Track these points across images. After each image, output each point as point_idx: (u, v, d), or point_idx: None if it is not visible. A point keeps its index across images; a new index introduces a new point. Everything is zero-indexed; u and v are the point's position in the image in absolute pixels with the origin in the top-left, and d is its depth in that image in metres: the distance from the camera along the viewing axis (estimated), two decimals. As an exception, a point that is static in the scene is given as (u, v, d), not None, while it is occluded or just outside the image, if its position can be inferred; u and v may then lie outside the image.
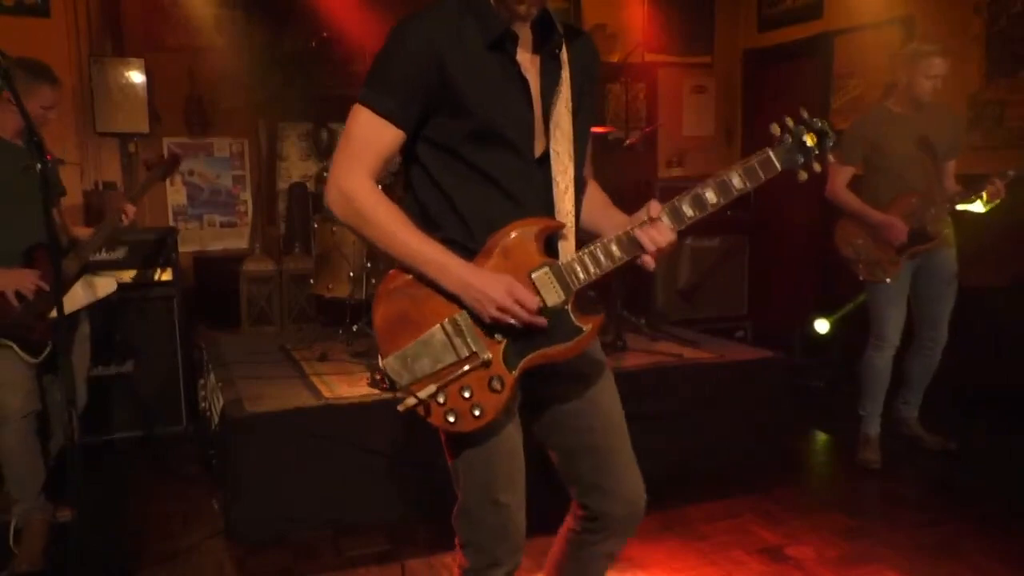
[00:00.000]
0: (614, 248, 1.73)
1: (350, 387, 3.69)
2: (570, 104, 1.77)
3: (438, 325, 1.69)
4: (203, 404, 4.36)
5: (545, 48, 1.77)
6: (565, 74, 1.78)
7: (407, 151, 1.77)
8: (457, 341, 1.69)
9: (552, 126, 1.76)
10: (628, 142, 5.33)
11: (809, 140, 1.72)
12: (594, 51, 1.89)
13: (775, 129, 1.74)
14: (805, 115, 1.74)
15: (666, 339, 4.69)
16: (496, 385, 1.69)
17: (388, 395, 1.73)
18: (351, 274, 4.38)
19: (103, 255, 4.26)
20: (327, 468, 3.36)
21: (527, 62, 1.75)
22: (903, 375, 4.14)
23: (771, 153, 1.72)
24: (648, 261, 1.73)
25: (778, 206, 5.93)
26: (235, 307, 5.24)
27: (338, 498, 3.37)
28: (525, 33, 1.75)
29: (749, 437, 4.04)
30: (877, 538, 3.26)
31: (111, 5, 5.34)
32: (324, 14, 5.49)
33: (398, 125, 1.68)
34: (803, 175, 1.74)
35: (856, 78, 5.72)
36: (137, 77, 5.24)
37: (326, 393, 3.61)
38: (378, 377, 1.73)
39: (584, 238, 1.80)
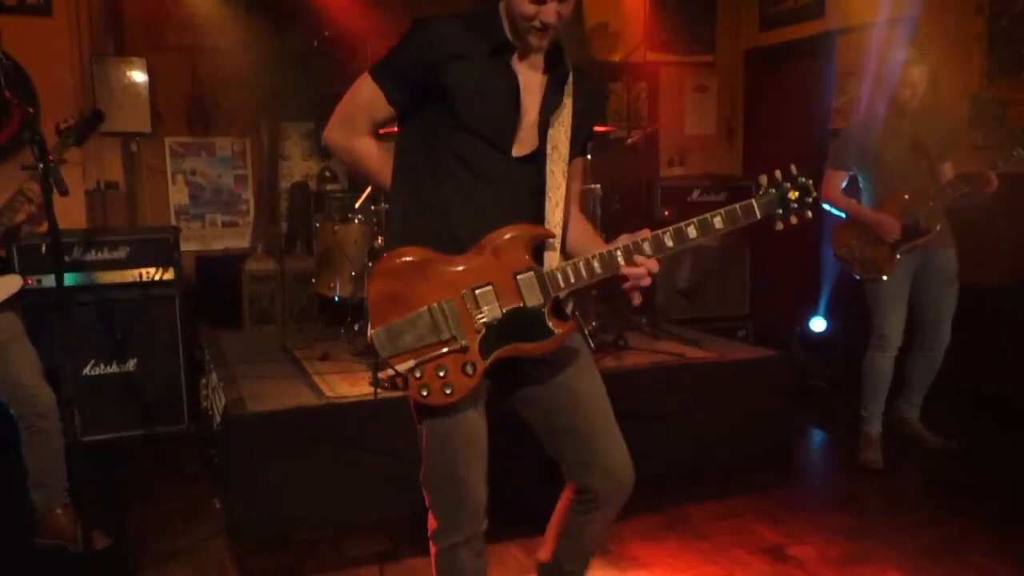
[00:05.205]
0: (596, 264, 1.88)
1: (351, 386, 3.69)
2: (570, 134, 1.96)
3: (426, 307, 1.84)
4: (205, 403, 4.37)
5: (552, 75, 1.96)
6: (569, 103, 1.96)
7: (400, 131, 1.99)
8: (441, 325, 1.84)
9: (550, 147, 1.95)
10: (629, 141, 5.34)
11: (792, 195, 1.91)
12: (602, 96, 2.15)
13: (763, 180, 1.92)
14: (794, 171, 1.93)
15: (667, 338, 4.69)
16: (469, 370, 1.84)
17: (389, 394, 1.75)
18: (352, 273, 4.38)
19: (105, 254, 4.27)
20: (328, 467, 3.36)
21: (531, 80, 1.93)
22: (905, 376, 4.13)
23: (754, 202, 1.91)
24: (633, 295, 1.91)
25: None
26: (237, 306, 5.24)
27: (339, 497, 3.37)
28: (538, 59, 1.94)
29: (750, 437, 4.04)
30: (879, 538, 3.26)
31: (113, 4, 5.34)
32: (326, 13, 5.49)
33: (389, 101, 1.93)
34: (779, 225, 1.93)
35: (858, 77, 5.72)
36: (139, 76, 5.24)
37: (327, 392, 3.61)
38: (380, 377, 1.80)
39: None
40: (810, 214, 1.92)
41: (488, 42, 1.88)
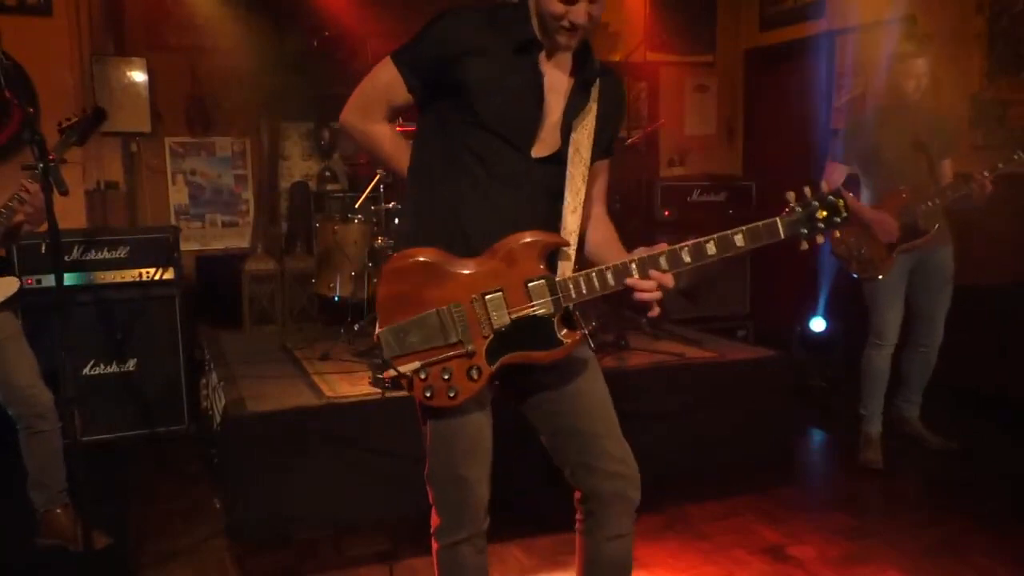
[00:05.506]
0: (609, 276, 1.85)
1: (351, 386, 3.69)
2: (593, 136, 1.92)
3: (435, 310, 1.82)
4: (205, 403, 4.37)
5: (579, 76, 1.92)
6: (594, 106, 1.93)
7: (418, 126, 1.98)
8: (449, 328, 1.82)
9: (572, 150, 1.91)
10: (630, 141, 5.33)
11: (820, 214, 1.83)
12: (622, 94, 2.08)
13: (791, 197, 1.85)
14: (824, 188, 1.86)
15: (668, 338, 4.69)
16: (474, 374, 1.83)
17: (393, 394, 1.75)
18: (352, 273, 4.38)
19: (105, 254, 4.27)
20: (328, 467, 3.36)
21: (558, 79, 1.90)
22: (902, 374, 4.14)
23: (778, 222, 1.84)
24: (650, 308, 1.84)
25: (781, 204, 5.92)
26: (237, 306, 5.24)
27: (339, 497, 3.37)
28: (565, 59, 1.90)
29: (750, 436, 4.03)
30: (879, 538, 3.26)
31: (113, 4, 5.34)
32: (326, 13, 5.49)
33: (408, 88, 1.91)
34: (804, 245, 1.85)
35: (858, 77, 5.72)
36: (139, 76, 5.24)
37: (327, 392, 3.61)
38: (384, 378, 1.83)
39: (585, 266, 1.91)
40: (838, 234, 1.87)
41: (514, 39, 1.84)
